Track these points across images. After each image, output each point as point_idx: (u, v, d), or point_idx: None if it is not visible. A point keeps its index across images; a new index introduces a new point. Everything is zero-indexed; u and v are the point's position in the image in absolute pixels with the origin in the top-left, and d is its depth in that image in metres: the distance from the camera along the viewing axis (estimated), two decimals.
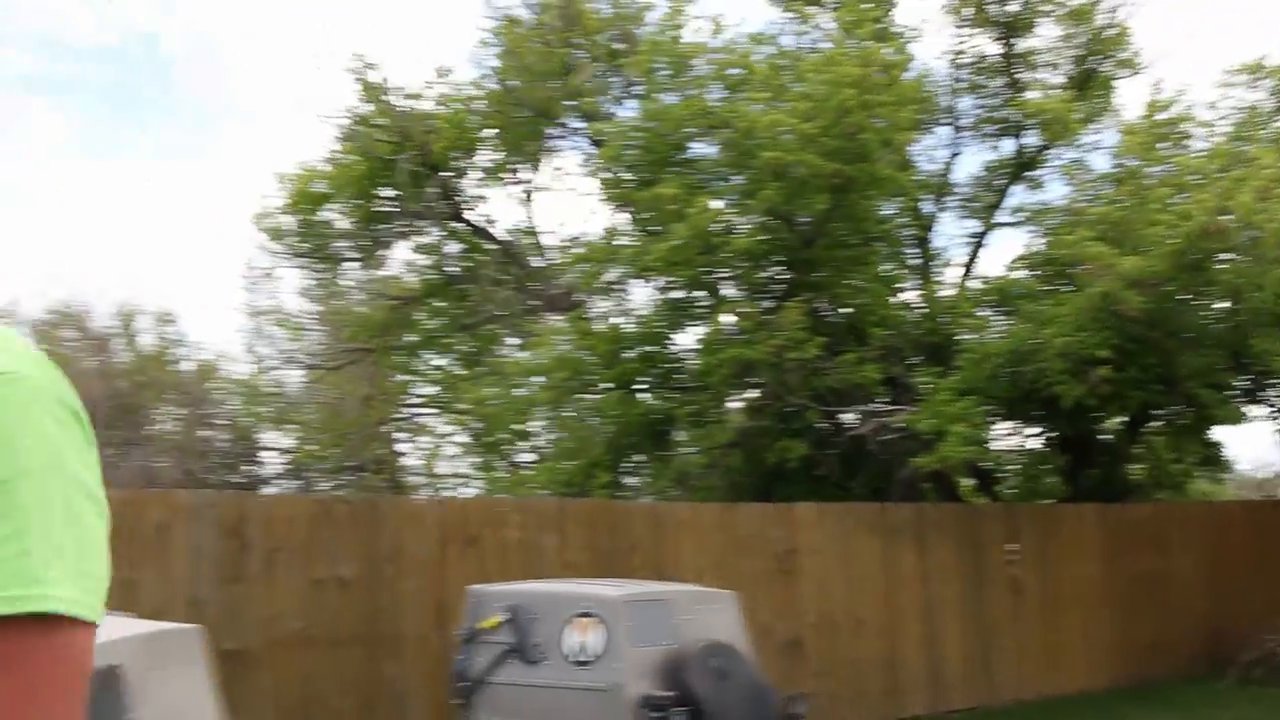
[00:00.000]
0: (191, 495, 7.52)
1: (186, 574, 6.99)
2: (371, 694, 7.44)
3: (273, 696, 7.15)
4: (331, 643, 7.38)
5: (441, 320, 16.73)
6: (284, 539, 7.34)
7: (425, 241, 16.74)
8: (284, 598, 7.29)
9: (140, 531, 6.97)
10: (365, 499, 8.73)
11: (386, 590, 7.58)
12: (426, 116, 15.15)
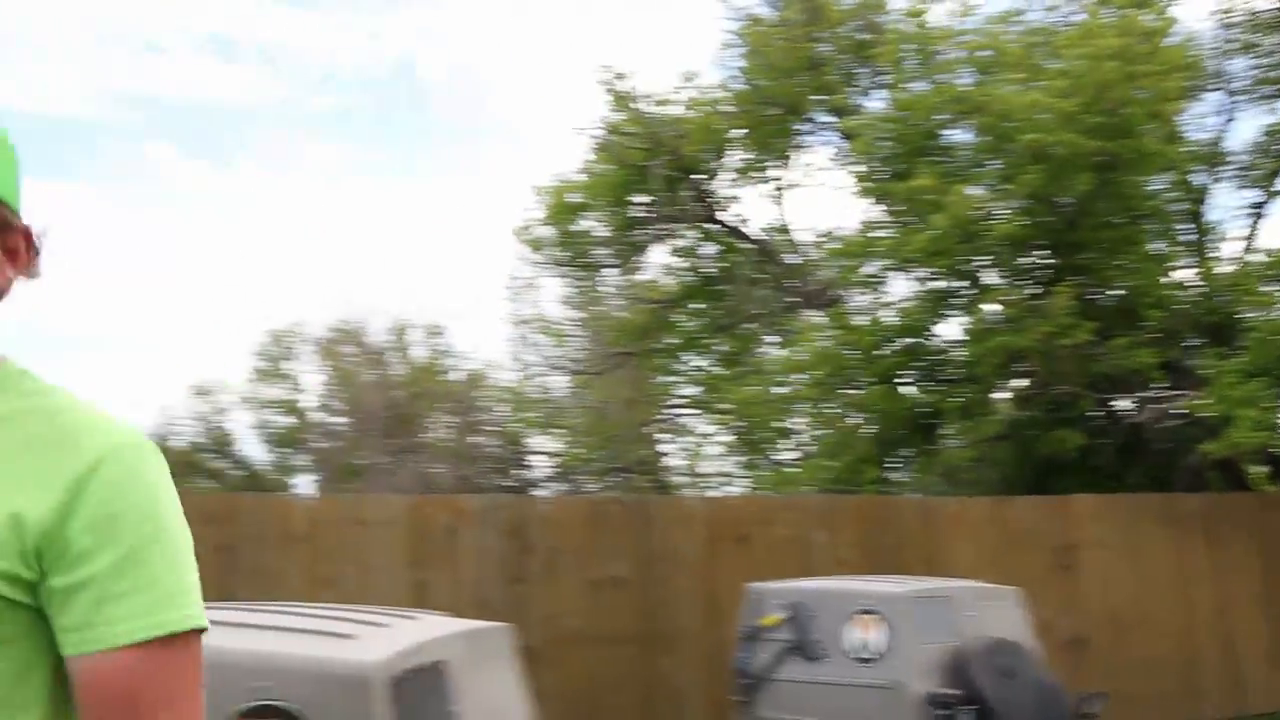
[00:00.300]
0: (476, 500, 7.90)
1: (473, 575, 7.35)
2: (650, 690, 7.62)
3: (557, 693, 7.42)
4: (610, 640, 7.60)
5: (700, 321, 16.92)
6: (562, 540, 7.62)
7: (681, 244, 16.98)
8: (564, 597, 7.56)
9: (430, 535, 7.38)
10: (637, 500, 8.95)
11: (660, 588, 7.75)
12: (676, 121, 15.36)
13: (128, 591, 1.17)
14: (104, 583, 1.16)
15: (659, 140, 15.15)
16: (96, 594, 1.16)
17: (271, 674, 1.77)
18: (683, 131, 15.17)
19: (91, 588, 1.16)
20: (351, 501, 7.63)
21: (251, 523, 7.13)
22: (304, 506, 7.50)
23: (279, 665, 1.79)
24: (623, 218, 16.58)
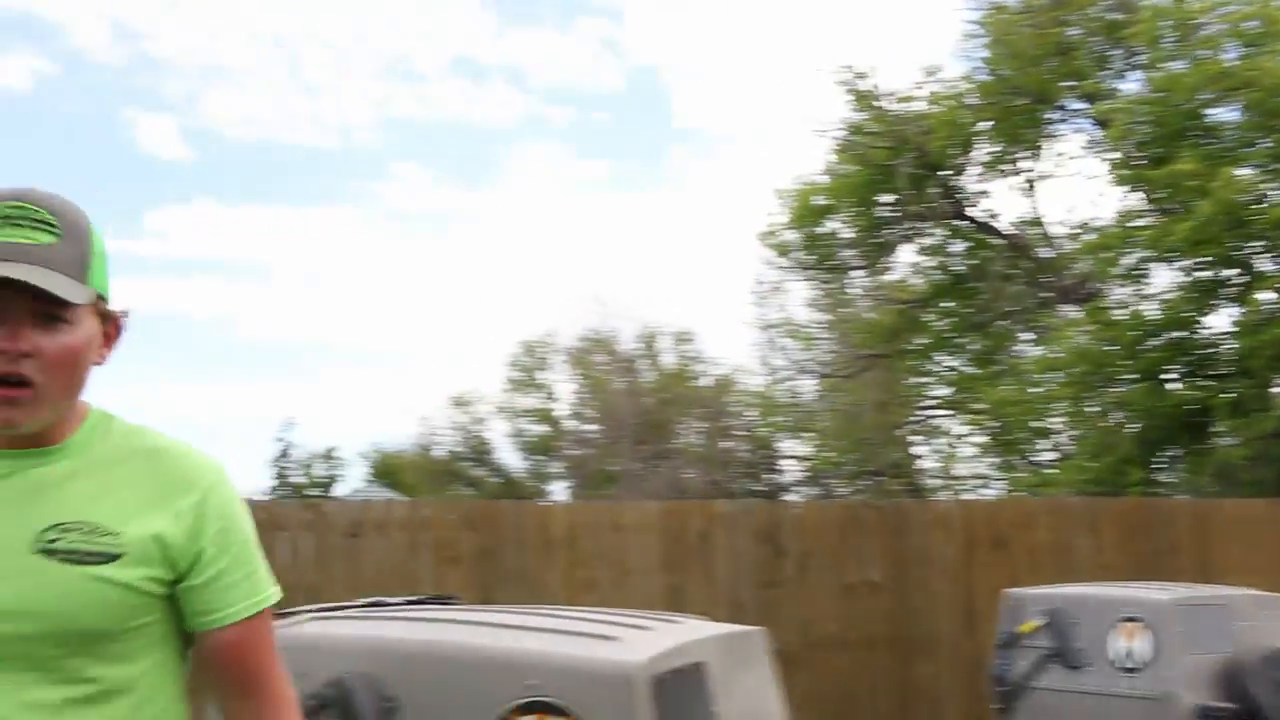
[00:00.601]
0: (729, 505, 8.01)
1: (727, 578, 7.45)
2: (905, 696, 7.54)
3: (812, 697, 7.43)
4: (864, 645, 7.56)
5: (951, 320, 16.59)
6: (815, 544, 7.63)
7: (929, 243, 16.69)
8: (817, 601, 7.57)
9: (684, 539, 7.54)
10: (892, 504, 8.87)
11: (916, 593, 7.65)
12: (920, 117, 15.13)
13: (238, 581, 1.63)
14: (223, 578, 1.61)
15: (903, 138, 14.95)
16: (219, 587, 1.60)
17: (541, 673, 1.90)
18: (927, 127, 14.93)
19: (215, 583, 1.60)
20: (607, 507, 7.87)
21: (511, 528, 7.46)
22: (562, 512, 7.78)
23: (548, 665, 1.92)
24: (869, 218, 16.43)
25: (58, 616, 1.45)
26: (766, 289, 22.12)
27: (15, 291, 1.42)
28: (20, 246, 1.43)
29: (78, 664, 1.47)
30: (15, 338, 1.43)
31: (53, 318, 1.47)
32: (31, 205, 1.48)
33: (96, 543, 1.48)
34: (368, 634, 2.10)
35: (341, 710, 1.93)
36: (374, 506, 8.02)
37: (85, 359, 1.52)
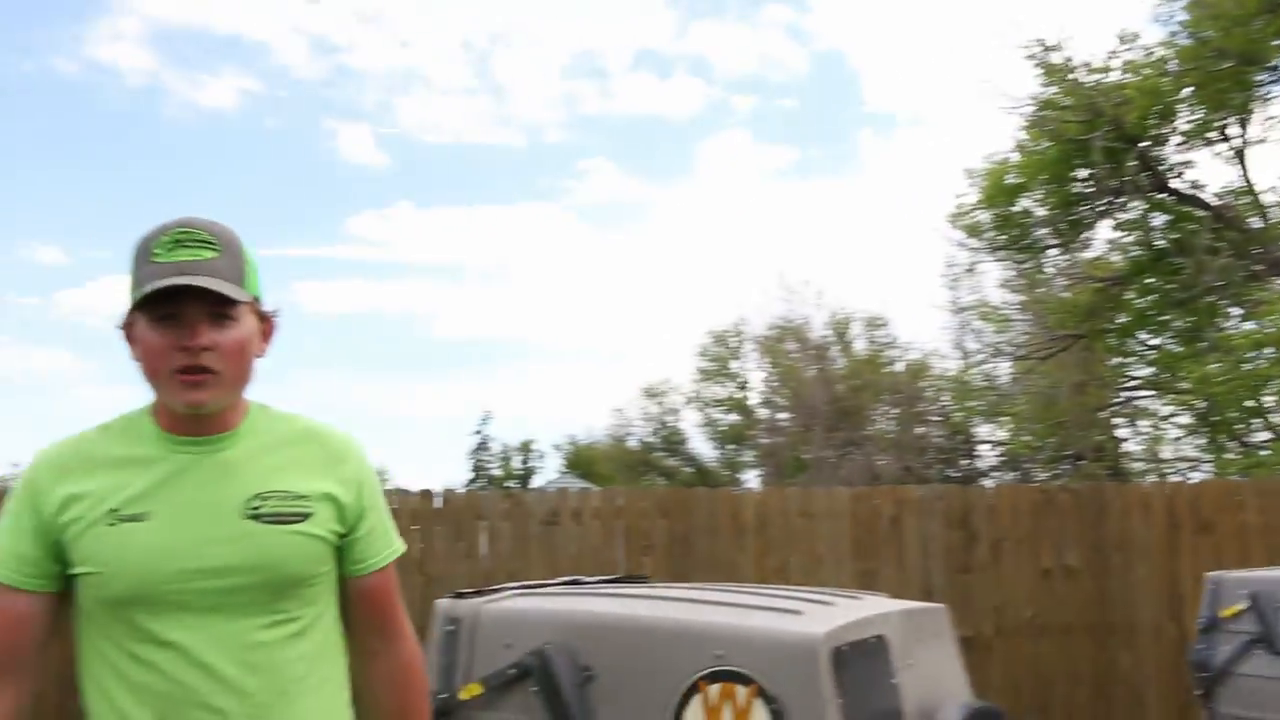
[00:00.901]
0: (920, 490, 7.95)
1: (919, 563, 7.42)
2: (1105, 683, 7.37)
3: (1008, 683, 7.34)
4: (1062, 631, 7.42)
5: (1153, 297, 16.00)
6: (1009, 529, 7.52)
7: (1128, 218, 16.14)
8: (1012, 586, 7.46)
9: (876, 525, 7.54)
10: (1089, 486, 8.62)
11: (1115, 578, 7.47)
12: (1116, 88, 14.63)
13: (380, 534, 1.99)
14: (373, 530, 1.97)
15: (1098, 110, 14.48)
16: (368, 539, 1.96)
17: (728, 644, 2.01)
18: (1124, 98, 14.42)
19: (368, 535, 1.95)
20: (798, 494, 7.90)
21: (704, 515, 7.59)
22: (753, 500, 7.85)
23: (734, 636, 2.03)
24: (1063, 195, 15.99)
25: (270, 568, 1.80)
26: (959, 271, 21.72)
27: (192, 298, 1.74)
28: (192, 262, 1.75)
29: (285, 605, 1.82)
30: (196, 335, 1.76)
31: (222, 317, 1.78)
32: (194, 229, 1.79)
33: (291, 505, 1.84)
34: (565, 608, 2.25)
35: (541, 678, 2.08)
36: (570, 495, 8.26)
37: (250, 350, 1.85)
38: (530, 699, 2.10)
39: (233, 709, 1.74)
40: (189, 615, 1.73)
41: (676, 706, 1.99)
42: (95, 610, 1.76)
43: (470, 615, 2.23)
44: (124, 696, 1.74)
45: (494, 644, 2.19)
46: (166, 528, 1.75)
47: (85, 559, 1.74)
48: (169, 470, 1.79)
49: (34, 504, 1.78)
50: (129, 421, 1.86)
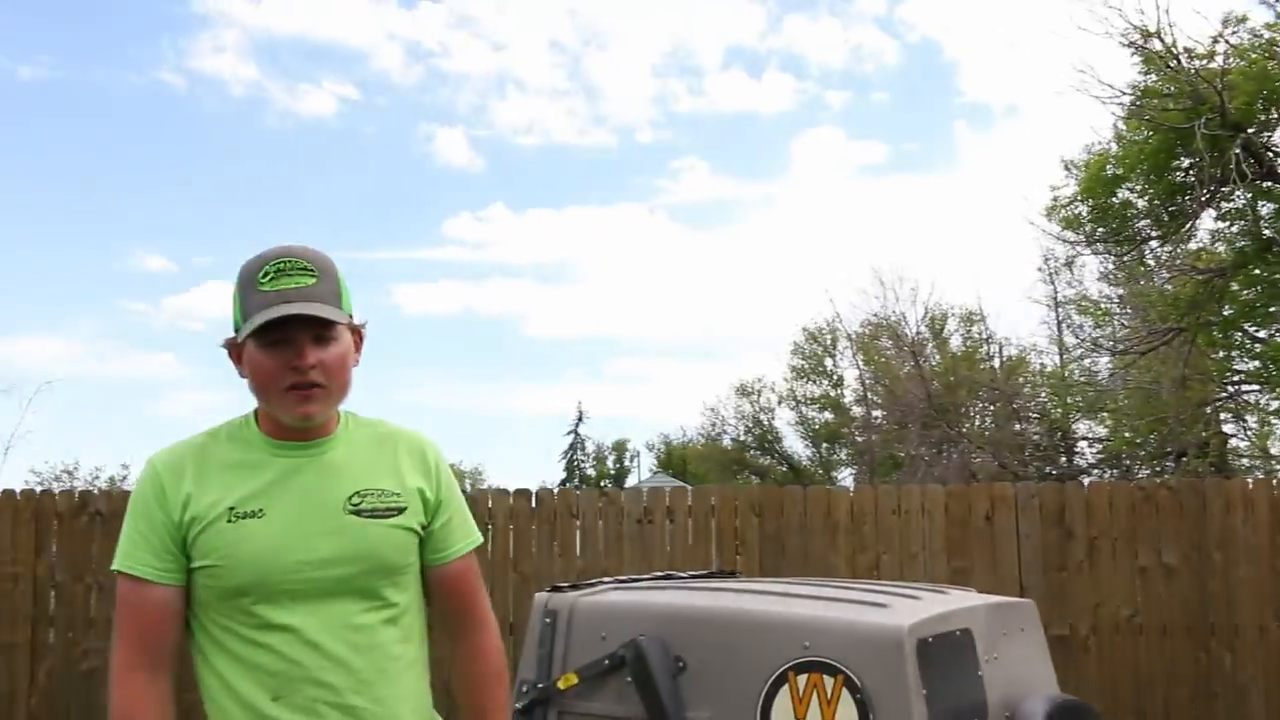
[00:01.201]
0: (1015, 487, 7.89)
1: (1013, 561, 7.37)
2: (1204, 684, 7.24)
3: (1106, 682, 7.26)
4: (1160, 630, 7.31)
5: (1259, 289, 15.61)
6: (1105, 526, 7.44)
7: (1232, 207, 15.77)
8: (1109, 585, 7.38)
9: (971, 522, 7.50)
10: (1188, 483, 8.47)
11: (1215, 577, 7.33)
12: (1221, 74, 14.28)
13: (459, 525, 2.17)
14: (451, 521, 2.15)
15: (1201, 98, 14.16)
16: (448, 529, 2.14)
17: (816, 635, 2.07)
18: (1228, 84, 14.08)
19: (446, 526, 2.13)
20: (891, 491, 7.89)
21: (797, 513, 7.62)
22: (846, 497, 7.87)
23: (822, 627, 2.09)
24: (1165, 185, 15.67)
25: (370, 558, 2.00)
26: (1057, 265, 21.40)
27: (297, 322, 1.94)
28: (295, 289, 1.95)
29: (383, 592, 2.01)
30: (304, 356, 1.96)
31: (323, 337, 1.99)
32: (294, 258, 1.99)
33: (387, 501, 2.05)
34: (658, 601, 2.33)
35: (635, 669, 2.16)
36: (663, 494, 8.35)
37: (349, 363, 2.06)
38: (624, 688, 2.19)
39: (340, 684, 1.92)
40: (300, 601, 1.92)
41: (765, 696, 2.06)
42: (212, 600, 1.95)
43: (566, 608, 2.33)
44: (240, 678, 1.92)
45: (590, 635, 2.27)
46: (279, 524, 1.95)
47: (207, 553, 1.94)
48: (278, 472, 2.00)
49: (161, 504, 1.97)
50: (234, 429, 2.07)
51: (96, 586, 8.09)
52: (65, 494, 8.97)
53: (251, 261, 2.02)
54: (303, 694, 1.91)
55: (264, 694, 1.91)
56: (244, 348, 2.01)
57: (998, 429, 23.87)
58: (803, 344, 33.46)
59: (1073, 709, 2.29)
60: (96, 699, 8.02)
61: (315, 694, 1.91)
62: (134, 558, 1.97)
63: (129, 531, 1.99)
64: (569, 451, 56.52)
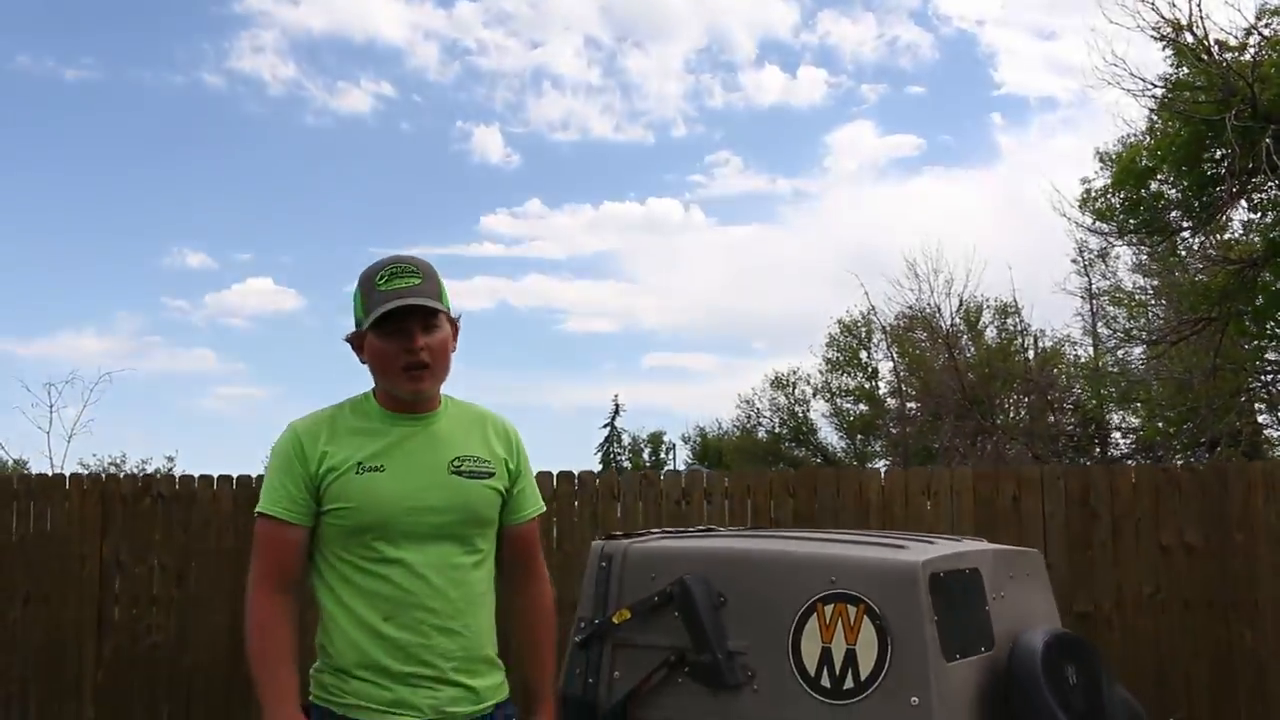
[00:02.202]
0: (1041, 469, 8.12)
1: (1039, 541, 7.60)
2: (1226, 661, 7.45)
3: (1127, 659, 7.48)
4: (1182, 607, 7.53)
5: None
6: (1128, 507, 7.66)
7: (1264, 198, 15.85)
8: (1131, 564, 7.60)
9: (997, 504, 7.75)
10: (1210, 465, 8.67)
11: (1237, 557, 7.54)
12: (1252, 66, 14.39)
13: (532, 493, 2.62)
14: (525, 489, 2.59)
15: (1232, 89, 14.28)
16: (524, 494, 2.58)
17: (841, 571, 2.36)
18: (1260, 76, 14.19)
19: (522, 492, 2.57)
20: (921, 474, 8.14)
21: (829, 494, 7.90)
22: (877, 479, 8.13)
23: (847, 564, 2.38)
24: (1197, 176, 15.77)
25: (467, 509, 2.43)
26: (1090, 256, 21.48)
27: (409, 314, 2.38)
28: (407, 288, 2.39)
29: (473, 539, 2.45)
30: (415, 339, 2.39)
31: (429, 326, 2.42)
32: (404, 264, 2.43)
33: (481, 465, 2.49)
34: (702, 545, 2.62)
35: (681, 604, 2.46)
36: (701, 476, 8.65)
37: (449, 348, 2.48)
38: (672, 621, 2.48)
39: (440, 609, 2.36)
40: (412, 541, 2.36)
41: (796, 625, 2.35)
42: (338, 538, 2.38)
43: (620, 552, 2.63)
44: (358, 601, 2.35)
45: (641, 576, 2.57)
46: (398, 477, 2.39)
47: (338, 498, 2.37)
48: (396, 438, 2.44)
49: (302, 459, 2.39)
50: (356, 404, 2.51)
51: (159, 566, 8.47)
52: (129, 477, 9.37)
53: (370, 267, 2.46)
54: (410, 616, 2.33)
55: (377, 615, 2.32)
56: (365, 338, 2.43)
57: (1032, 420, 23.97)
58: (837, 336, 33.62)
59: (1069, 640, 2.56)
60: (160, 675, 8.40)
61: (421, 616, 2.33)
62: (276, 503, 2.38)
63: (271, 481, 2.41)
64: (605, 444, 56.85)
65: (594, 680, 2.57)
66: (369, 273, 2.44)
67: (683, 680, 2.45)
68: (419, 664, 2.33)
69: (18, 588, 8.58)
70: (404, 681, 2.32)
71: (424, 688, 2.33)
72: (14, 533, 8.72)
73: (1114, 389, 20.83)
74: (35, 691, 8.52)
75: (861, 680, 2.26)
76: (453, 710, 2.35)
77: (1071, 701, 2.43)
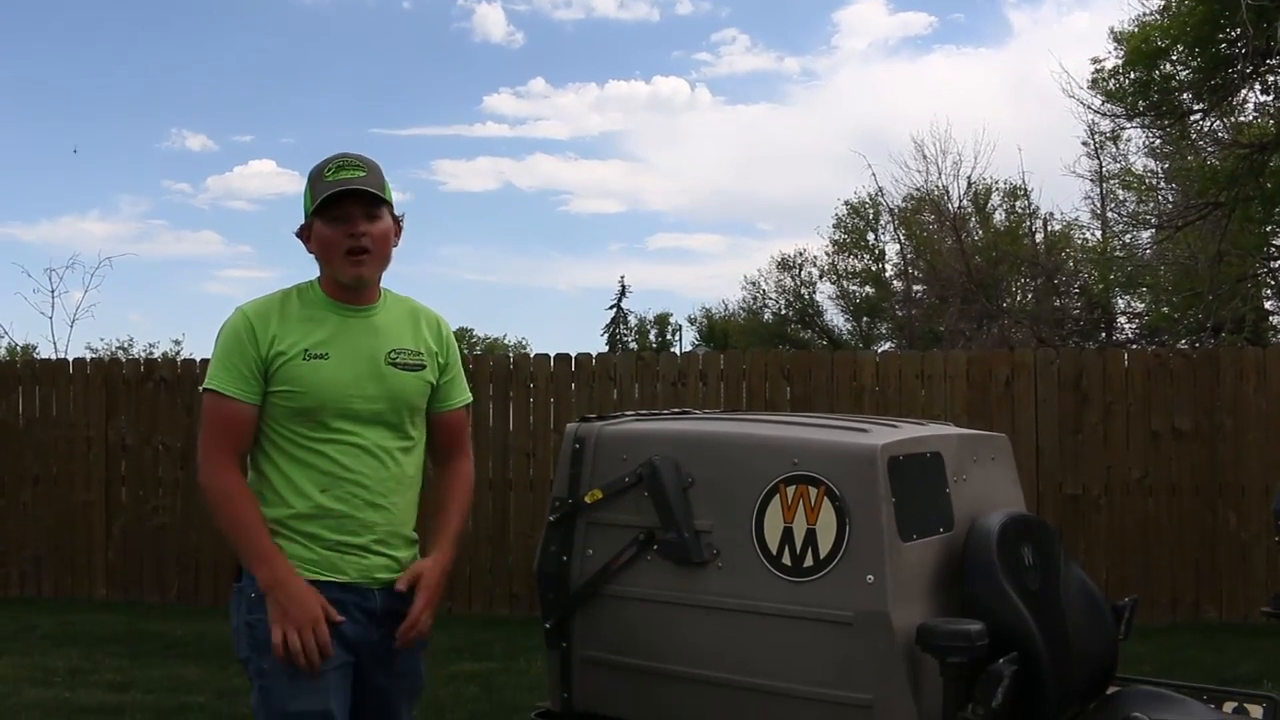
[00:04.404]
0: (1034, 353, 8.18)
1: (1030, 425, 7.70)
2: (1210, 542, 7.58)
3: (1114, 539, 7.63)
4: (1169, 491, 7.65)
5: None
6: (1120, 392, 7.73)
7: (1277, 81, 15.60)
8: (1121, 448, 7.70)
9: (990, 387, 7.82)
10: (1203, 352, 8.71)
11: (1225, 442, 7.63)
12: None
13: (459, 383, 2.76)
14: (454, 380, 2.73)
15: None
16: (452, 385, 2.72)
17: (803, 454, 2.42)
18: None
19: (450, 383, 2.71)
20: (915, 357, 8.19)
21: (824, 378, 7.97)
22: (871, 362, 8.19)
23: (808, 447, 2.43)
24: (1210, 58, 15.49)
25: (400, 399, 2.59)
26: (1101, 139, 21.22)
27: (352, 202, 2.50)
28: (350, 178, 2.51)
29: (404, 426, 2.61)
30: (357, 224, 2.52)
31: (371, 215, 2.54)
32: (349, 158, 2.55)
33: (414, 358, 2.63)
34: (672, 428, 2.68)
35: (651, 484, 2.53)
36: (696, 358, 8.71)
37: (389, 239, 2.60)
38: (642, 501, 2.55)
39: (372, 486, 2.54)
40: (351, 422, 2.53)
41: (759, 505, 2.42)
42: (283, 416, 2.52)
43: (593, 434, 2.69)
44: (296, 472, 2.51)
45: (612, 457, 2.64)
46: (340, 366, 2.52)
47: (286, 382, 2.50)
48: (338, 327, 2.56)
49: (253, 341, 2.50)
50: (303, 291, 2.61)
51: (164, 448, 8.62)
52: (132, 362, 9.49)
53: (318, 164, 2.58)
54: (344, 489, 2.50)
55: (315, 487, 2.50)
56: (313, 227, 2.56)
57: (1037, 304, 23.95)
58: (845, 218, 33.43)
59: (1027, 522, 2.62)
60: (167, 552, 8.61)
61: (353, 490, 2.51)
62: (229, 382, 2.49)
63: (222, 361, 2.51)
64: (611, 325, 56.97)
65: (567, 558, 2.65)
66: (317, 168, 2.57)
67: (651, 558, 2.53)
68: (348, 534, 2.51)
69: (27, 470, 8.76)
70: (333, 548, 2.50)
71: (351, 554, 2.51)
72: (21, 417, 8.86)
73: (1120, 273, 20.74)
74: (49, 569, 8.75)
75: (821, 559, 2.33)
76: (375, 576, 2.54)
77: (1026, 582, 2.50)
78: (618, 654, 2.60)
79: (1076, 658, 2.56)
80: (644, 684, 2.57)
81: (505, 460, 8.19)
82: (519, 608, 7.91)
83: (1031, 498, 6.78)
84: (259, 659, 2.45)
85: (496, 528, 8.15)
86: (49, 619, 7.82)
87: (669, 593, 2.51)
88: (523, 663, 6.51)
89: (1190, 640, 6.93)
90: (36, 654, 6.83)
